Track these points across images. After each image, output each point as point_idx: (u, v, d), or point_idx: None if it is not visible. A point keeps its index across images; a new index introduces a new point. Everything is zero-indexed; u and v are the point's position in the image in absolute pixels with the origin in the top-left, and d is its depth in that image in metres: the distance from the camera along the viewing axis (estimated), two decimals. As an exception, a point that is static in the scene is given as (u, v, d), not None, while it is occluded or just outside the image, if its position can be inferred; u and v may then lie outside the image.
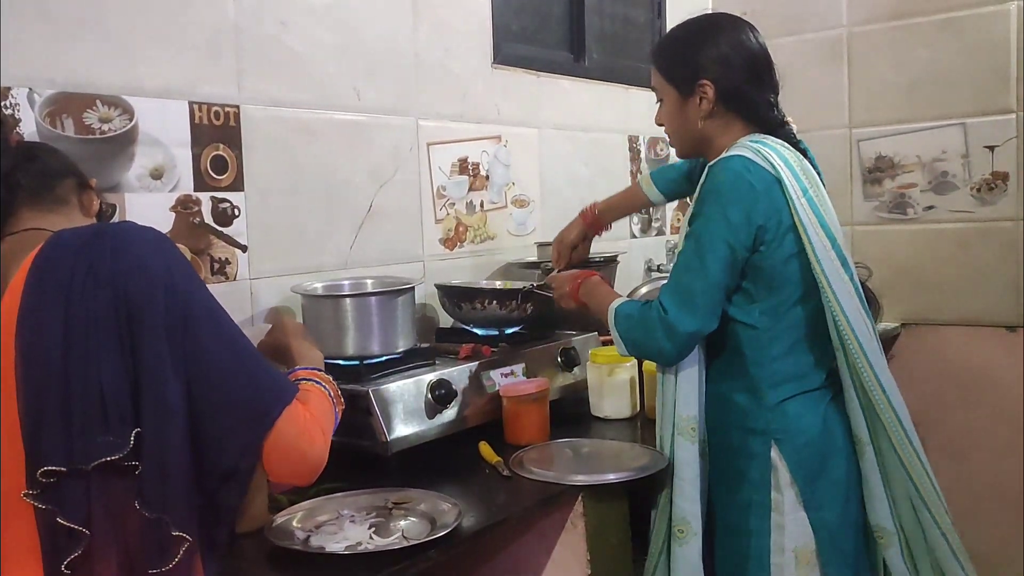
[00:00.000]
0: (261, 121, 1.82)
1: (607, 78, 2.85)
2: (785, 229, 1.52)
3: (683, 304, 1.49)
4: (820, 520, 1.55)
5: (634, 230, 2.98)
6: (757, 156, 1.52)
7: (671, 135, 1.70)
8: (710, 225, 1.50)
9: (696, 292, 1.49)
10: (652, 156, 3.06)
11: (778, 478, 1.54)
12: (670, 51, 1.66)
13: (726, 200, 1.49)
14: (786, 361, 1.57)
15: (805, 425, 1.56)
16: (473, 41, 2.35)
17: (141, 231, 1.10)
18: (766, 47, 1.63)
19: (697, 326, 1.50)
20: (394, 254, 2.12)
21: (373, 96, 2.06)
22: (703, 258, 1.49)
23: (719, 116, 1.60)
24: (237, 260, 1.79)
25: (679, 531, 1.55)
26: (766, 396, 1.56)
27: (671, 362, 1.56)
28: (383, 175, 2.09)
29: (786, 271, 1.54)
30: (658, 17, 3.15)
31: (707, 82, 1.58)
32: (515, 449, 1.70)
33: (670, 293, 1.51)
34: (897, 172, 3.02)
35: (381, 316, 1.73)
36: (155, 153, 1.65)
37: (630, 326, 1.56)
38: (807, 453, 1.55)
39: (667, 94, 1.65)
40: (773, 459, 1.54)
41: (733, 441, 1.58)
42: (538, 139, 2.57)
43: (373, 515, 1.37)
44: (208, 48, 1.73)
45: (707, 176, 1.55)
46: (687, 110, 1.62)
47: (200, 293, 1.10)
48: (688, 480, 1.55)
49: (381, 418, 1.58)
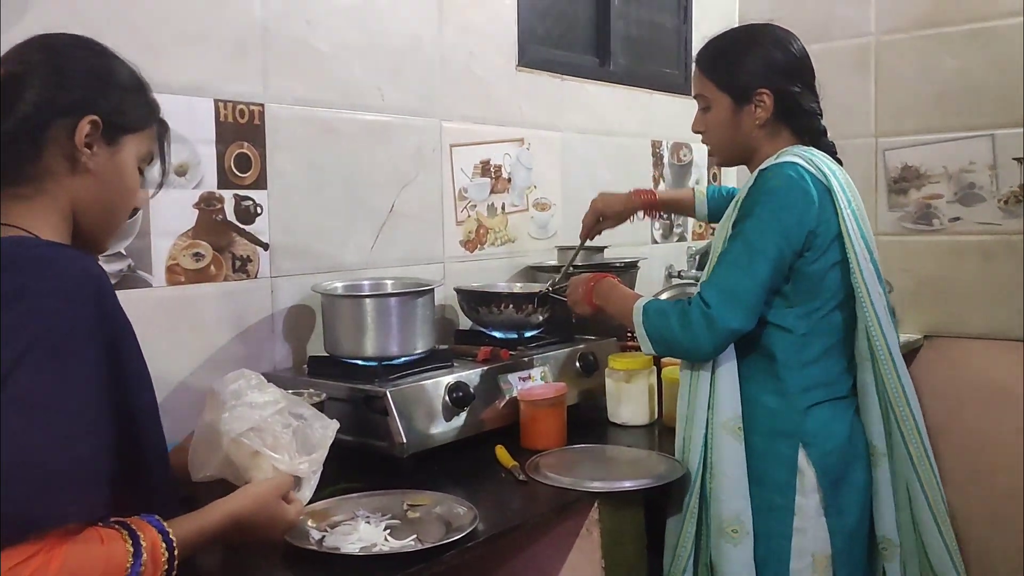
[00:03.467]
0: (285, 120, 1.83)
1: (631, 82, 2.84)
2: (832, 237, 1.54)
3: (728, 300, 1.48)
4: (839, 526, 1.56)
5: (655, 235, 2.97)
6: (810, 165, 1.55)
7: (715, 143, 1.69)
8: (762, 226, 1.50)
9: (742, 290, 1.49)
10: (675, 161, 3.04)
11: (803, 482, 1.55)
12: (725, 58, 1.64)
13: (780, 203, 1.50)
14: (817, 367, 1.57)
15: (833, 431, 1.58)
16: (498, 43, 2.35)
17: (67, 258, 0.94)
18: (809, 56, 1.66)
19: (740, 323, 1.49)
20: (415, 255, 2.13)
21: (397, 97, 2.06)
22: (752, 257, 1.49)
23: (769, 125, 1.61)
24: (259, 258, 1.79)
25: (732, 531, 1.55)
26: (796, 400, 1.56)
27: (705, 358, 1.55)
28: (405, 176, 2.09)
29: (827, 279, 1.55)
30: (684, 22, 3.14)
31: (766, 91, 1.59)
32: (531, 454, 1.69)
33: (715, 288, 1.50)
34: (923, 183, 2.99)
35: (400, 317, 1.73)
36: (180, 150, 1.66)
37: (662, 322, 1.53)
38: (833, 459, 1.56)
39: (718, 102, 1.63)
40: (800, 463, 1.55)
41: (758, 443, 1.57)
42: (561, 142, 2.57)
43: (388, 516, 1.36)
44: (235, 47, 1.74)
45: (757, 180, 1.55)
46: (741, 118, 1.62)
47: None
48: (737, 478, 1.55)
49: (398, 419, 1.58)
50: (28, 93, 0.98)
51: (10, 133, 0.98)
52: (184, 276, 1.68)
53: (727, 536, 1.56)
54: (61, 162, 1.01)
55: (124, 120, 1.05)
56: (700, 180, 3.16)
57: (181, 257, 1.67)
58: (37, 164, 1.00)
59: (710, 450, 1.57)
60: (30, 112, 0.99)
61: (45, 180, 1.00)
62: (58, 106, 1.00)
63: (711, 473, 1.58)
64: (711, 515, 1.58)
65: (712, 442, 1.57)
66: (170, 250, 1.65)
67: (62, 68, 1.02)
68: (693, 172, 3.13)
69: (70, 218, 1.03)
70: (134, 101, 1.08)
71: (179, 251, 1.67)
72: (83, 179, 1.02)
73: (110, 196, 1.06)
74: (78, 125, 1.00)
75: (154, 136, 1.12)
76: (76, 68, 1.03)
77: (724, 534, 1.56)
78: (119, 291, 1.55)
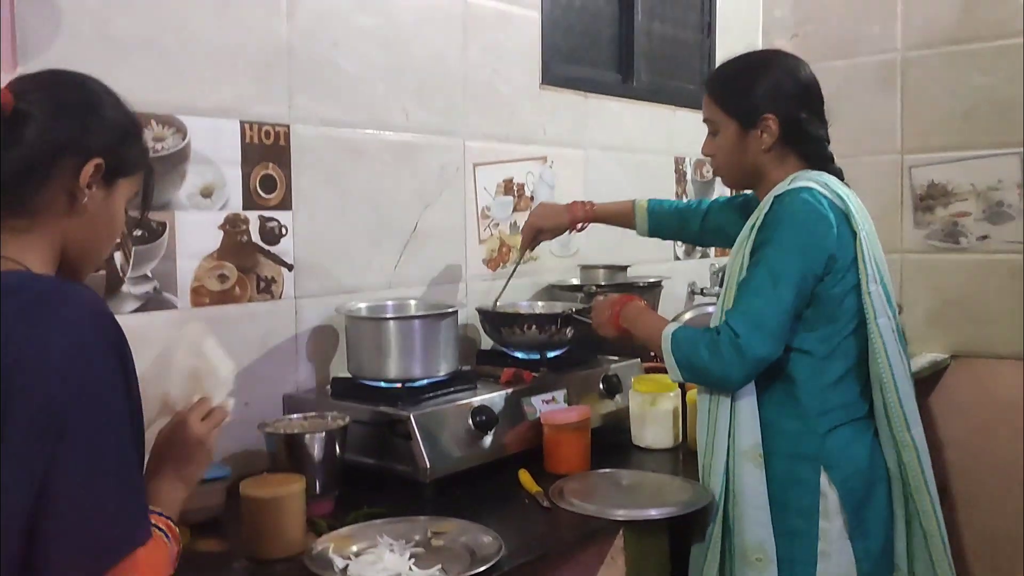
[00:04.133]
0: (311, 140, 1.83)
1: (655, 99, 2.83)
2: (850, 262, 1.54)
3: (755, 329, 1.47)
4: (865, 550, 1.55)
5: (678, 252, 2.95)
6: (825, 189, 1.56)
7: (722, 166, 1.70)
8: (783, 252, 1.50)
9: (768, 317, 1.48)
10: (697, 178, 3.02)
11: (827, 506, 1.54)
12: (732, 83, 1.65)
13: (800, 228, 1.51)
14: (837, 389, 1.57)
15: (854, 453, 1.57)
16: (522, 61, 2.35)
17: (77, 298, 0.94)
18: (818, 83, 1.66)
19: (768, 351, 1.49)
20: (437, 275, 2.12)
21: (422, 116, 2.06)
22: (776, 284, 1.49)
23: (776, 150, 1.62)
24: (283, 279, 1.79)
25: (756, 559, 1.53)
26: (816, 423, 1.55)
27: (736, 387, 1.54)
28: (429, 195, 2.09)
29: (845, 302, 1.55)
30: (707, 37, 3.12)
31: (771, 116, 1.59)
32: (555, 478, 1.68)
33: (741, 317, 1.49)
34: (950, 200, 2.96)
35: (424, 339, 1.72)
36: (206, 172, 1.66)
37: (692, 351, 1.52)
38: (856, 481, 1.56)
39: (726, 126, 1.64)
40: (823, 486, 1.54)
41: (779, 468, 1.55)
42: (584, 160, 2.56)
43: (412, 544, 1.35)
44: (261, 68, 1.74)
45: (774, 206, 1.55)
46: (747, 143, 1.63)
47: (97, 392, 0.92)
48: (759, 507, 1.53)
49: (422, 443, 1.57)
50: (33, 128, 0.99)
51: (17, 165, 0.99)
52: (209, 297, 1.68)
53: (751, 564, 1.54)
54: (61, 199, 1.02)
55: (122, 164, 1.07)
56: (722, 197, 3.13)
57: (206, 278, 1.67)
58: (38, 199, 1.01)
59: (732, 478, 1.56)
60: (38, 146, 0.99)
61: (43, 215, 1.01)
62: (67, 145, 1.01)
63: (733, 501, 1.56)
64: (734, 543, 1.57)
65: (733, 470, 1.56)
66: (195, 271, 1.66)
67: (69, 106, 1.03)
68: (716, 188, 3.10)
69: (59, 253, 1.05)
70: (132, 146, 1.10)
71: (204, 272, 1.67)
72: (78, 217, 1.03)
73: (98, 235, 1.08)
74: (84, 165, 1.01)
75: (142, 179, 1.14)
76: (85, 108, 1.04)
77: (748, 562, 1.55)
78: (144, 312, 1.58)
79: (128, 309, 1.56)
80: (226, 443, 1.69)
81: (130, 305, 1.57)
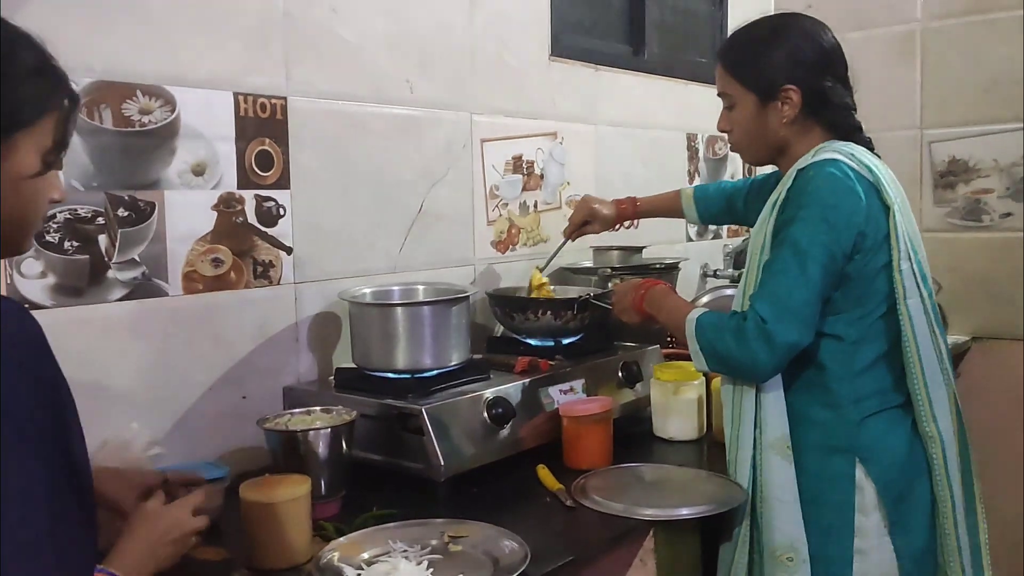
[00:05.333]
0: (309, 114, 1.71)
1: (666, 73, 2.71)
2: (882, 238, 1.44)
3: (783, 313, 1.38)
4: (906, 546, 1.46)
5: (690, 233, 2.84)
6: (853, 161, 1.45)
7: (741, 143, 1.60)
8: (810, 230, 1.39)
9: (797, 301, 1.38)
10: (710, 155, 2.91)
11: (863, 500, 1.44)
12: (747, 54, 1.54)
13: (826, 204, 1.40)
14: (869, 375, 1.47)
15: (891, 443, 1.47)
16: (530, 32, 2.23)
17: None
18: (841, 47, 1.55)
19: (798, 337, 1.39)
20: (444, 257, 2.00)
21: (426, 89, 1.94)
22: (803, 265, 1.38)
23: (798, 122, 1.52)
24: (281, 263, 1.68)
25: (787, 559, 1.44)
26: (849, 412, 1.46)
27: (765, 377, 1.44)
28: (435, 173, 1.97)
29: (876, 282, 1.45)
30: (719, 9, 3.00)
31: (792, 87, 1.49)
32: (575, 474, 1.57)
33: (768, 301, 1.39)
34: (972, 176, 2.85)
35: (434, 327, 1.60)
36: (197, 148, 1.54)
37: (717, 337, 1.43)
38: (894, 473, 1.46)
39: (743, 100, 1.54)
40: (858, 479, 1.44)
41: (810, 461, 1.46)
42: (595, 136, 2.44)
43: (427, 550, 1.24)
44: (255, 35, 1.62)
45: (797, 181, 1.45)
46: (767, 116, 1.52)
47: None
48: (789, 503, 1.44)
49: (435, 439, 1.46)
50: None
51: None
52: (202, 283, 1.56)
53: (781, 565, 1.45)
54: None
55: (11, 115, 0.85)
56: (735, 174, 3.03)
57: (199, 263, 1.55)
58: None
59: (759, 473, 1.47)
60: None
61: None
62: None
63: (761, 497, 1.47)
64: (763, 542, 1.47)
65: (761, 464, 1.47)
66: (187, 256, 1.54)
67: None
68: (728, 166, 2.99)
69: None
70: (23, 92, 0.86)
71: (196, 257, 1.55)
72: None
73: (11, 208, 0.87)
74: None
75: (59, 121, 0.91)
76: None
77: (778, 562, 1.45)
78: (132, 300, 1.46)
79: (115, 296, 1.44)
80: (223, 439, 1.59)
81: (117, 292, 1.45)
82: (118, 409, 1.43)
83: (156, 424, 1.48)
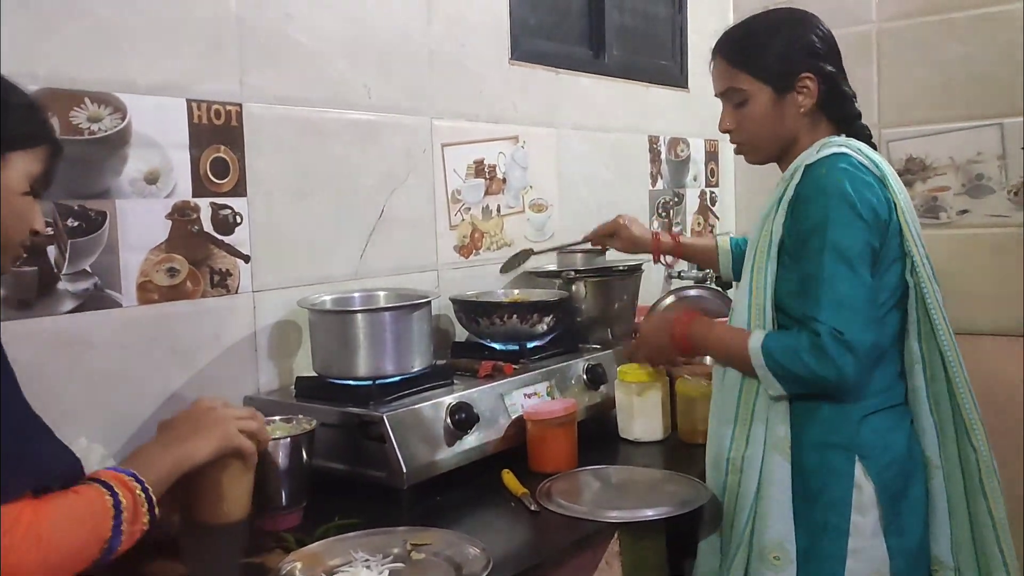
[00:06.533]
0: (265, 120, 1.69)
1: (627, 76, 2.71)
2: (894, 231, 1.42)
3: (853, 319, 1.35)
4: (900, 547, 1.44)
5: (654, 235, 2.84)
6: (858, 154, 1.43)
7: (753, 140, 1.53)
8: (844, 228, 1.36)
9: (860, 302, 1.36)
10: (672, 157, 2.92)
11: (861, 498, 1.42)
12: (757, 46, 1.49)
13: (851, 199, 1.37)
14: (872, 372, 1.43)
15: (892, 441, 1.45)
16: (489, 36, 2.22)
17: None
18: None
19: (875, 336, 1.38)
20: (407, 263, 1.99)
21: (385, 93, 1.92)
22: (852, 266, 1.36)
23: (809, 115, 1.48)
24: (239, 271, 1.65)
25: (775, 558, 1.43)
26: (851, 409, 1.43)
27: (852, 386, 1.39)
28: (395, 178, 1.95)
29: (885, 276, 1.43)
30: (679, 12, 3.01)
31: (810, 76, 1.46)
32: (541, 478, 1.56)
33: (833, 311, 1.35)
34: (929, 174, 2.88)
35: (395, 333, 1.59)
36: (150, 156, 1.51)
37: (792, 360, 1.37)
38: (893, 472, 1.44)
39: (756, 94, 1.48)
40: (857, 477, 1.42)
41: (809, 458, 1.44)
42: (556, 139, 2.44)
43: (390, 559, 1.23)
44: (208, 41, 1.59)
45: (807, 177, 1.42)
46: (783, 109, 1.48)
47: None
48: (782, 501, 1.43)
49: (397, 446, 1.44)
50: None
51: None
52: (157, 293, 1.53)
53: (768, 563, 1.44)
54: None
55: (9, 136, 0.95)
56: (698, 176, 3.04)
57: (154, 273, 1.52)
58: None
59: (761, 471, 1.45)
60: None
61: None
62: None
63: (759, 496, 1.45)
64: (754, 542, 1.46)
65: (763, 462, 1.45)
66: (141, 266, 1.51)
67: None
68: (691, 168, 3.00)
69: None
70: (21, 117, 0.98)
71: (151, 267, 1.52)
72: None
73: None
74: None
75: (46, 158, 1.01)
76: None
77: (765, 561, 1.44)
78: (84, 312, 1.43)
79: (65, 309, 1.41)
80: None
81: (67, 304, 1.41)
82: (69, 425, 1.39)
83: (111, 438, 1.45)
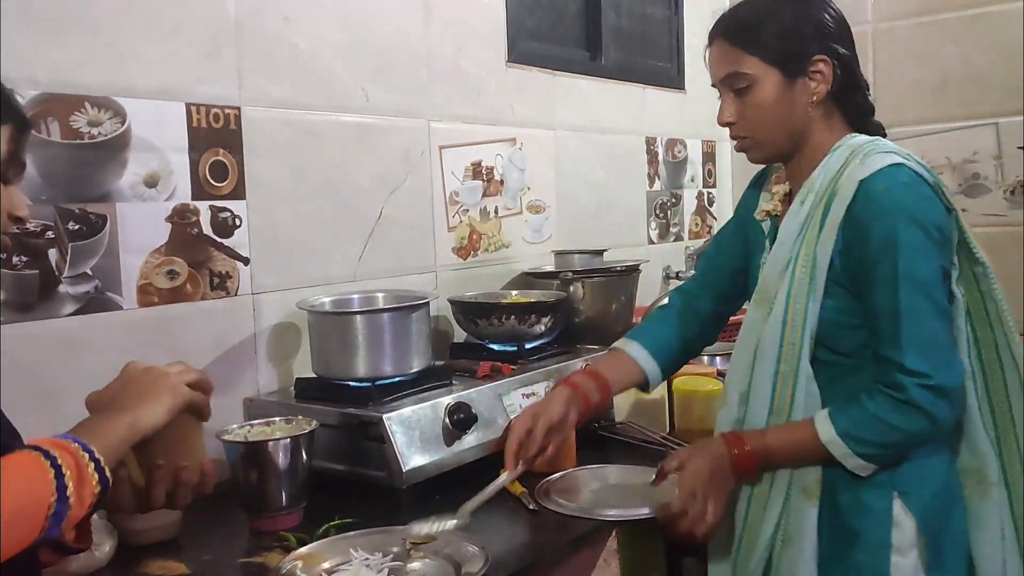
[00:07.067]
0: (264, 124, 1.70)
1: (623, 77, 2.73)
2: (956, 245, 1.29)
3: (940, 358, 1.23)
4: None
5: (651, 235, 2.86)
6: (909, 160, 1.26)
7: (760, 131, 1.34)
8: (921, 257, 1.21)
9: (943, 337, 1.24)
10: (670, 158, 2.93)
11: (901, 538, 1.26)
12: (764, 24, 1.30)
13: (921, 221, 1.21)
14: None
15: (932, 471, 1.30)
16: (487, 39, 2.23)
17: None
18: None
19: (959, 372, 1.25)
20: (405, 265, 2.00)
21: (383, 96, 1.93)
22: (932, 297, 1.22)
23: (821, 105, 1.32)
24: (238, 274, 1.66)
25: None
26: None
27: (947, 431, 1.28)
28: (393, 181, 1.97)
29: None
30: (675, 14, 3.02)
31: (825, 58, 1.29)
32: (539, 477, 1.57)
33: (917, 353, 1.21)
34: (925, 174, 2.89)
35: (394, 334, 1.60)
36: (149, 159, 1.53)
37: (874, 431, 1.24)
38: (935, 505, 1.29)
39: (763, 78, 1.30)
40: (896, 515, 1.27)
41: (842, 496, 1.29)
42: (554, 141, 2.45)
43: (389, 558, 1.24)
44: (206, 45, 1.61)
45: (863, 195, 1.23)
46: (794, 96, 1.30)
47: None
48: (808, 549, 1.29)
49: (397, 446, 1.46)
50: None
51: None
52: (158, 296, 1.54)
53: None
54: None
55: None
56: (695, 177, 3.05)
57: (154, 276, 1.54)
58: None
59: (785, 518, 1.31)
60: None
61: None
62: None
63: (781, 545, 1.31)
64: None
65: (789, 505, 1.31)
66: (141, 268, 1.52)
67: None
68: (688, 169, 3.02)
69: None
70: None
71: (151, 269, 1.53)
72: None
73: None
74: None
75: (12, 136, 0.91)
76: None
77: None
78: (85, 315, 1.44)
79: (66, 312, 1.42)
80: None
81: (68, 307, 1.43)
82: (69, 427, 1.40)
83: (112, 440, 1.46)
